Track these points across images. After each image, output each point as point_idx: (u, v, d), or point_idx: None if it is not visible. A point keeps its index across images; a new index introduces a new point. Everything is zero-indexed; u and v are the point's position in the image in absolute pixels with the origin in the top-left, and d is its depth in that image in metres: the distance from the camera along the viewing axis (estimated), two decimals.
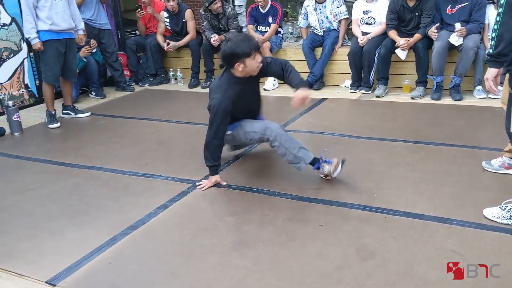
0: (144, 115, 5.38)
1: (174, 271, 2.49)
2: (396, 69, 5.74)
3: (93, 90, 6.35)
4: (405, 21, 5.45)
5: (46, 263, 2.64)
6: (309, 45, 6.05)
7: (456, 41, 5.09)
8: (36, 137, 4.91)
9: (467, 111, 4.83)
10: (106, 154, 4.24)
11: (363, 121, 4.74)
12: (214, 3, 6.21)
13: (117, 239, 2.81)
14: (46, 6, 4.82)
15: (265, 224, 2.89)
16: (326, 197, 3.16)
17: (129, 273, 2.51)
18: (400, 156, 3.79)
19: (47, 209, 3.26)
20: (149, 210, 3.13)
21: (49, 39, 4.90)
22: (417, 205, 2.99)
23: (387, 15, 5.55)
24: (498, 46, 2.56)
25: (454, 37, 5.10)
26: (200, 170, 3.69)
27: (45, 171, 3.95)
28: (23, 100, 6.00)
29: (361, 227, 2.79)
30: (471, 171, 3.43)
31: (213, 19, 6.41)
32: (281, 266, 2.46)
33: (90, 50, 5.98)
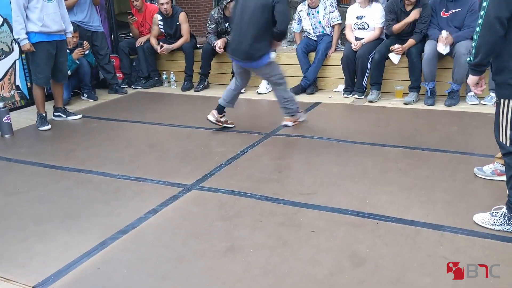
0: (136, 118, 5.35)
1: (165, 276, 2.47)
2: (389, 75, 5.75)
3: (85, 92, 6.31)
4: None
5: (35, 267, 2.61)
6: (303, 50, 6.06)
7: (443, 50, 5.14)
8: (27, 139, 4.87)
9: (460, 117, 4.85)
10: (98, 157, 4.20)
11: (356, 126, 4.74)
12: (229, 3, 6.13)
13: (107, 243, 2.78)
14: (37, 7, 4.78)
15: (256, 229, 2.87)
16: (318, 203, 3.15)
17: (119, 277, 2.48)
18: (392, 162, 3.79)
19: (37, 212, 3.23)
20: (140, 214, 3.10)
21: (39, 41, 4.86)
22: (410, 211, 2.99)
23: (386, 16, 5.55)
24: (476, 56, 2.58)
25: (441, 46, 5.15)
26: (192, 174, 3.67)
27: (35, 174, 3.92)
28: (14, 101, 5.95)
29: (353, 233, 2.78)
30: (464, 178, 3.43)
31: (223, 22, 6.33)
32: (273, 272, 2.45)
33: (83, 52, 5.95)
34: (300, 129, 4.71)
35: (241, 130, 4.71)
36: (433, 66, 5.22)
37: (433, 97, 5.30)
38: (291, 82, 6.21)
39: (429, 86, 5.27)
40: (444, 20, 5.27)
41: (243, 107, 5.54)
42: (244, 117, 4.32)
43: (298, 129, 4.69)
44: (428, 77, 5.26)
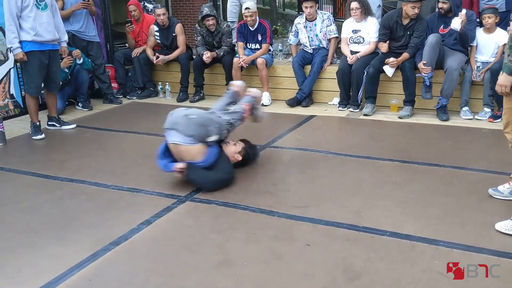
0: (131, 129, 5.32)
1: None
2: (384, 88, 5.77)
3: (80, 102, 6.28)
4: (396, 38, 5.51)
5: (24, 278, 2.56)
6: (299, 62, 6.07)
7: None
8: (20, 148, 4.83)
9: (454, 132, 4.86)
10: (91, 168, 4.17)
11: (351, 140, 4.73)
12: (206, 19, 6.22)
13: (99, 255, 2.74)
14: (30, 16, 4.77)
15: (250, 242, 2.85)
16: (313, 216, 3.13)
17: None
18: (387, 176, 3.78)
19: (28, 223, 3.19)
20: (133, 226, 3.06)
21: (32, 50, 4.84)
22: (405, 225, 2.97)
23: (379, 30, 5.60)
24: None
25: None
26: (185, 186, 3.64)
27: (27, 184, 3.87)
28: (8, 110, 5.91)
29: (348, 247, 2.76)
30: (458, 192, 3.43)
31: (208, 36, 6.42)
32: (266, 287, 2.42)
33: (72, 61, 5.89)
34: (295, 141, 4.70)
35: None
36: (434, 52, 5.16)
37: (429, 89, 5.30)
38: (287, 94, 6.25)
39: (428, 76, 5.23)
40: (442, 37, 5.29)
41: None
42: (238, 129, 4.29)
43: (294, 142, 4.68)
44: (429, 61, 5.15)
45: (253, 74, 6.44)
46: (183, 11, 10.67)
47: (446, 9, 5.21)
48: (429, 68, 5.16)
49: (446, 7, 5.21)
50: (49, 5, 4.92)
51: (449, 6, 5.18)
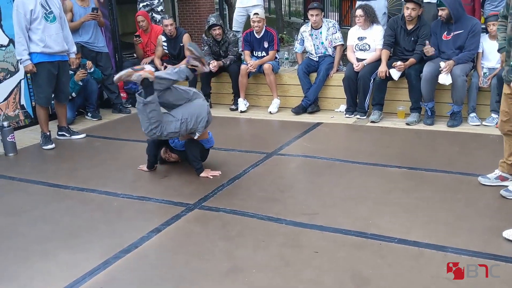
0: (139, 138, 5.35)
1: None
2: (391, 95, 5.78)
3: (90, 112, 6.36)
4: (400, 43, 5.54)
5: (37, 286, 2.60)
6: (304, 70, 6.11)
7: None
8: (31, 158, 4.89)
9: (462, 138, 4.86)
10: (101, 176, 4.22)
11: (358, 146, 4.75)
12: (213, 29, 6.28)
13: (110, 263, 2.78)
14: (39, 28, 4.85)
15: (259, 249, 2.87)
16: (321, 223, 3.15)
17: None
18: (395, 182, 3.79)
19: (39, 232, 3.23)
20: (142, 234, 3.10)
21: (41, 61, 4.92)
22: (412, 232, 2.98)
23: (385, 32, 5.64)
24: None
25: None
26: (194, 193, 3.67)
27: (38, 193, 3.92)
28: (18, 120, 5.99)
29: (356, 253, 2.77)
30: (466, 198, 3.43)
31: (215, 45, 6.48)
32: None
33: (85, 74, 5.98)
34: (302, 149, 4.72)
35: (243, 150, 4.73)
36: (430, 86, 5.25)
37: (432, 116, 5.34)
38: (292, 102, 6.28)
39: (428, 106, 5.30)
40: (445, 43, 5.31)
41: (245, 126, 5.57)
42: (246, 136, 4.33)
43: (301, 149, 4.71)
44: (427, 97, 5.29)
45: (260, 82, 6.48)
46: (190, 21, 10.78)
47: (446, 16, 5.20)
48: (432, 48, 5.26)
49: (444, 14, 5.20)
50: (57, 17, 5.00)
51: (448, 13, 5.17)
